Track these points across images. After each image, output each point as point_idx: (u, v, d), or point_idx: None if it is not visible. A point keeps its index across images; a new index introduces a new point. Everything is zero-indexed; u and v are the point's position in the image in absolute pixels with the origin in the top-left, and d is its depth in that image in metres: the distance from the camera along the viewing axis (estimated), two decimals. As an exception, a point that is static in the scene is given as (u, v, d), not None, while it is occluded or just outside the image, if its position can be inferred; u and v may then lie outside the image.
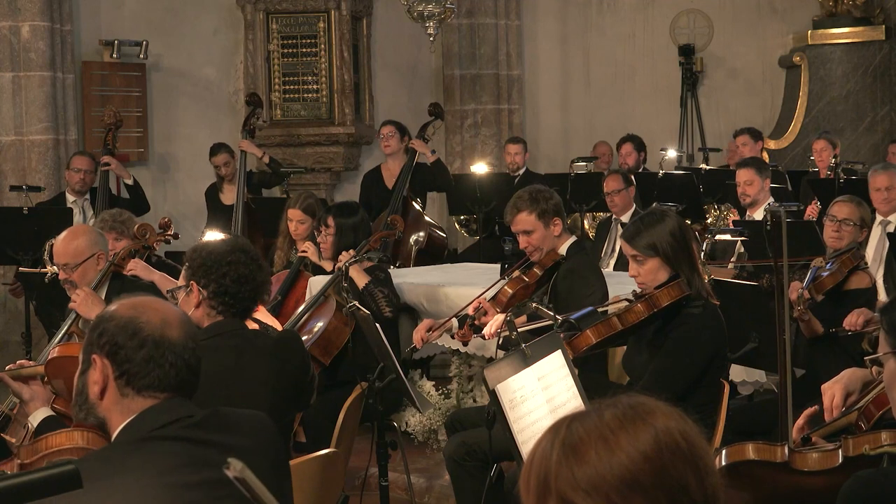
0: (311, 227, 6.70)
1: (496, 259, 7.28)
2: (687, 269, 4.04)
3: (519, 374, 3.04)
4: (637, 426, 1.56)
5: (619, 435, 1.55)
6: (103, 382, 2.39)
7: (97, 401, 2.41)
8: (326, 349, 5.64)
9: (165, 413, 2.39)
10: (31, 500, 1.63)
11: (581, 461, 1.54)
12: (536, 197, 4.98)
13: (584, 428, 1.57)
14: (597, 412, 1.59)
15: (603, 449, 1.54)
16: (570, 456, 1.55)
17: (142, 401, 2.39)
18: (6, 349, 8.55)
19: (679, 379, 3.98)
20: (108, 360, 2.40)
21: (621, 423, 1.56)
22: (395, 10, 9.40)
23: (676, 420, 1.59)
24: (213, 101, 10.28)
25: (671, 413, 1.60)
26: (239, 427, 2.50)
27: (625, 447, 1.53)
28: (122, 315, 2.42)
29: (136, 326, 2.40)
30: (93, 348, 2.42)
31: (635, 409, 1.59)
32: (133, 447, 2.35)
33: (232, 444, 2.41)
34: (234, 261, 3.60)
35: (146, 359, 2.39)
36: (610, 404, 1.61)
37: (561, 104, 11.52)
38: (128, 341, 2.39)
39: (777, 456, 2.57)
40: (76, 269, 4.83)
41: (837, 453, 2.52)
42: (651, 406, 1.60)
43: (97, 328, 2.43)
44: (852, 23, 11.00)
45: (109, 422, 2.41)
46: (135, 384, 2.39)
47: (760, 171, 7.29)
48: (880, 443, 2.47)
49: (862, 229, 5.56)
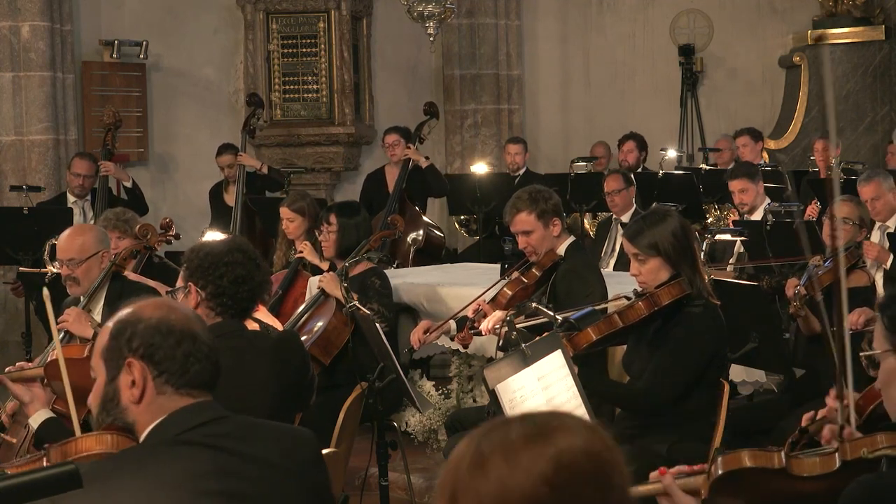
0: (302, 225, 6.72)
1: (496, 259, 7.28)
2: (688, 269, 4.04)
3: (519, 374, 3.04)
4: (539, 445, 1.53)
5: (520, 453, 1.52)
6: (143, 385, 2.38)
7: (132, 405, 2.39)
8: (326, 349, 5.64)
9: (194, 415, 2.37)
10: (32, 499, 1.63)
11: (485, 476, 1.52)
12: (536, 197, 4.98)
13: (491, 442, 1.55)
14: (506, 427, 1.57)
15: (505, 466, 1.52)
16: (476, 469, 1.53)
17: (178, 399, 2.38)
18: (6, 349, 8.55)
19: (679, 378, 3.99)
20: (144, 362, 2.38)
21: (525, 440, 1.54)
22: (395, 10, 9.40)
23: (585, 438, 1.55)
24: (213, 101, 10.28)
25: (579, 430, 1.56)
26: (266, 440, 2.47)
27: (525, 467, 1.51)
28: (151, 315, 2.41)
29: (169, 325, 2.39)
30: (123, 353, 2.39)
31: (541, 427, 1.55)
32: (160, 450, 2.34)
33: (257, 457, 2.39)
34: (232, 261, 3.58)
35: (186, 354, 2.39)
36: (520, 419, 1.58)
37: (561, 104, 11.52)
38: (164, 340, 2.38)
39: (774, 462, 2.57)
40: (81, 264, 4.78)
41: (834, 457, 2.52)
42: (558, 424, 1.56)
43: (124, 333, 2.40)
44: (852, 23, 11.00)
45: (138, 423, 2.39)
46: (175, 382, 2.38)
47: (752, 177, 7.31)
48: (878, 445, 2.46)
49: (861, 228, 5.56)
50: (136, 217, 5.94)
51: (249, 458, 2.38)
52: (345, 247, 5.96)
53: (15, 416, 4.01)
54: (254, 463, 2.38)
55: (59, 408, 4.04)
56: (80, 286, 4.81)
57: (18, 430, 4.01)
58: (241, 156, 8.78)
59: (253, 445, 2.41)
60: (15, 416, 4.01)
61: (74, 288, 4.82)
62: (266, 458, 2.40)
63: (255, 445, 2.42)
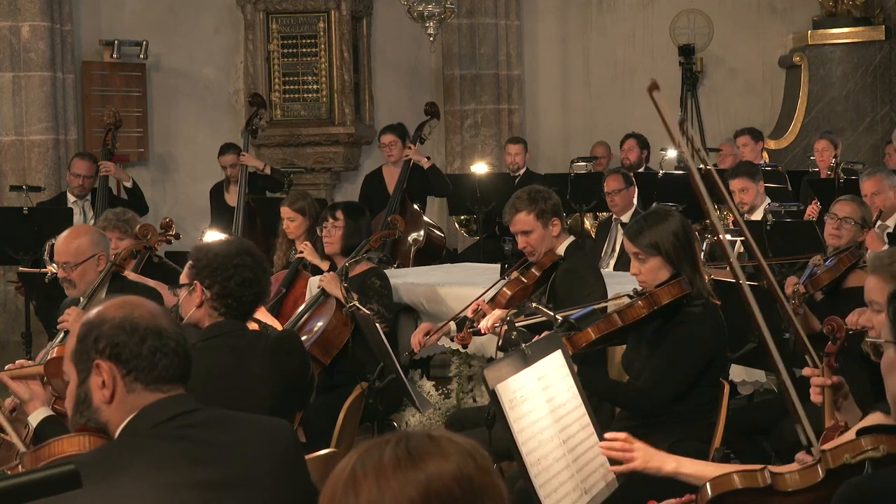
0: (302, 225, 6.73)
1: (496, 259, 7.29)
2: (689, 269, 4.04)
3: (519, 373, 3.04)
4: (409, 470, 1.54)
5: (390, 478, 1.53)
6: (112, 385, 2.39)
7: (103, 405, 2.41)
8: (326, 349, 5.64)
9: (165, 409, 2.39)
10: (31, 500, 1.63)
11: (357, 497, 1.54)
12: (535, 197, 4.98)
13: (364, 464, 1.56)
14: (381, 448, 1.58)
15: (375, 489, 1.53)
16: (350, 489, 1.55)
17: (148, 395, 2.40)
18: (6, 349, 8.55)
19: (679, 378, 3.98)
20: (112, 362, 2.40)
21: (396, 464, 1.55)
22: (395, 10, 9.41)
23: (457, 464, 1.56)
24: (213, 101, 10.28)
25: (454, 455, 1.57)
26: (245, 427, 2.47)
27: (394, 492, 1.52)
28: (114, 315, 2.42)
29: (132, 322, 2.41)
30: (91, 355, 2.41)
31: (412, 451, 1.56)
32: (132, 445, 2.35)
33: (232, 444, 2.40)
34: (241, 264, 3.58)
35: (152, 350, 2.40)
36: (394, 441, 1.59)
37: (561, 104, 11.52)
38: (129, 338, 2.39)
39: (759, 481, 2.60)
40: (76, 268, 4.81)
41: (817, 468, 2.54)
42: (431, 448, 1.57)
43: (90, 335, 2.42)
44: (852, 23, 11.00)
45: (111, 422, 2.41)
46: (144, 378, 2.39)
47: (753, 176, 7.32)
48: (861, 448, 2.48)
49: (862, 228, 5.56)
50: (136, 217, 5.94)
51: (222, 445, 2.38)
52: (348, 244, 5.96)
53: (14, 415, 4.01)
54: (227, 449, 2.39)
55: (58, 407, 4.04)
56: (77, 288, 4.83)
57: (18, 429, 4.00)
58: (244, 156, 8.78)
59: (226, 433, 2.42)
60: (14, 415, 4.01)
61: (71, 290, 4.85)
62: (240, 443, 2.41)
63: (230, 433, 2.43)
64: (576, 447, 3.12)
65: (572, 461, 3.08)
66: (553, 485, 2.96)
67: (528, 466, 2.90)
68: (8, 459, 3.96)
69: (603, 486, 3.15)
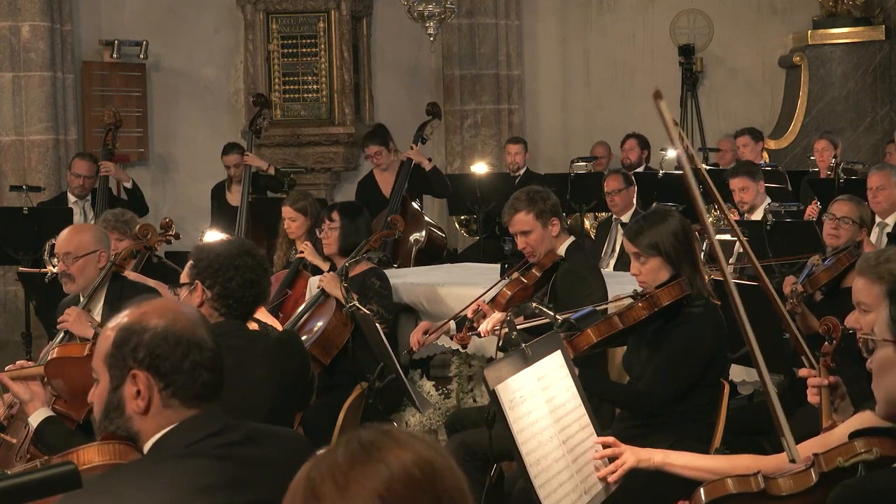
0: (303, 225, 6.73)
1: (496, 259, 7.29)
2: (689, 269, 4.04)
3: (519, 374, 3.04)
4: (367, 466, 1.53)
5: (349, 477, 1.52)
6: (148, 397, 2.30)
7: (136, 415, 2.31)
8: (326, 349, 5.64)
9: (202, 426, 2.31)
10: (31, 499, 1.63)
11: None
12: (534, 197, 4.98)
13: (320, 470, 1.55)
14: (332, 452, 1.57)
15: (336, 493, 1.52)
16: (310, 499, 1.54)
17: (185, 410, 2.31)
18: (6, 349, 8.55)
19: (679, 378, 3.98)
20: (150, 374, 2.30)
21: (351, 463, 1.54)
22: (395, 10, 9.41)
23: (415, 450, 1.56)
24: (213, 101, 10.29)
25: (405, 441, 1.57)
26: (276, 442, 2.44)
27: (357, 490, 1.51)
28: (157, 325, 2.32)
29: (175, 335, 2.32)
30: (128, 363, 2.31)
31: (366, 446, 1.56)
32: (168, 463, 2.27)
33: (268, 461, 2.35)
34: (242, 265, 3.57)
35: (193, 365, 2.31)
36: (345, 441, 1.58)
37: (561, 104, 11.52)
38: (171, 352, 2.31)
39: (752, 486, 2.61)
40: (77, 261, 4.77)
41: (810, 473, 2.56)
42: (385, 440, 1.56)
43: (128, 342, 2.31)
44: (852, 23, 11.00)
45: (143, 433, 2.32)
46: (182, 395, 2.31)
47: (753, 175, 7.32)
48: (855, 452, 2.49)
49: (861, 228, 5.56)
50: (136, 218, 5.94)
51: (259, 463, 2.33)
52: (346, 245, 5.96)
53: (14, 414, 4.01)
54: (264, 468, 2.34)
55: (58, 407, 4.04)
56: (75, 283, 4.79)
57: (18, 429, 4.01)
58: (247, 156, 8.77)
59: (261, 449, 2.38)
60: (14, 414, 4.01)
61: (69, 285, 4.81)
62: (276, 460, 2.36)
63: (264, 449, 2.38)
64: (575, 447, 3.13)
65: (572, 461, 3.08)
66: (553, 485, 2.96)
67: (527, 466, 2.91)
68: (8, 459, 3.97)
69: (603, 486, 3.16)
